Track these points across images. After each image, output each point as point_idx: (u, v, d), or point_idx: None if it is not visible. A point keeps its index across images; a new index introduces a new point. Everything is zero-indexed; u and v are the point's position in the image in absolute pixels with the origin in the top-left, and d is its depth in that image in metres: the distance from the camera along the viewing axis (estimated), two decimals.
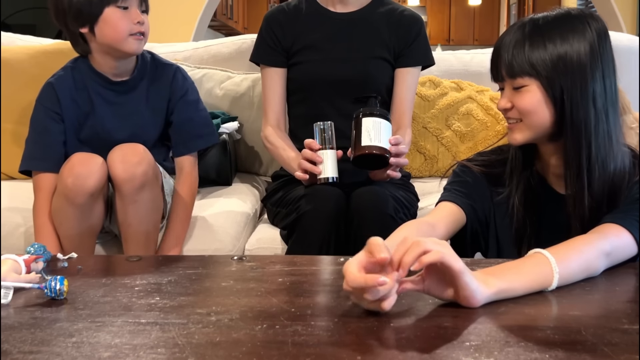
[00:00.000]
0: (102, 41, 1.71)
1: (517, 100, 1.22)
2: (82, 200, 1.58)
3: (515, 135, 1.24)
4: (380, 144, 1.56)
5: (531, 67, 1.19)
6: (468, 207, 1.27)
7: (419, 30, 1.94)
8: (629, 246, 1.11)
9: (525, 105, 1.21)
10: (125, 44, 1.70)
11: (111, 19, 1.69)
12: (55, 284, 0.94)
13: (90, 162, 1.60)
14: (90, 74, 1.78)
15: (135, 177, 1.59)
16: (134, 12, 1.71)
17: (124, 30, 1.69)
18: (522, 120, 1.23)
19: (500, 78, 1.25)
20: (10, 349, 0.77)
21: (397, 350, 0.78)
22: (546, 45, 1.18)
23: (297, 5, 1.98)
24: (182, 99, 1.84)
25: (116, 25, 1.69)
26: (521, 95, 1.22)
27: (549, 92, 1.19)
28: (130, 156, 1.61)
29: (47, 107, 1.76)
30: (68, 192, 1.58)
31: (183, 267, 1.15)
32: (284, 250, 1.74)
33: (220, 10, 7.42)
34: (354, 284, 0.86)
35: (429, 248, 0.87)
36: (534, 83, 1.20)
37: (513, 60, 1.20)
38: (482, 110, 2.31)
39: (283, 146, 1.87)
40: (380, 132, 1.56)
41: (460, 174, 1.33)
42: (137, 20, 1.71)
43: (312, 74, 1.90)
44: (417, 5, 10.48)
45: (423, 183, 2.19)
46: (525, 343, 0.79)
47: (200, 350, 0.77)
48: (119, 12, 1.69)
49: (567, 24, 1.19)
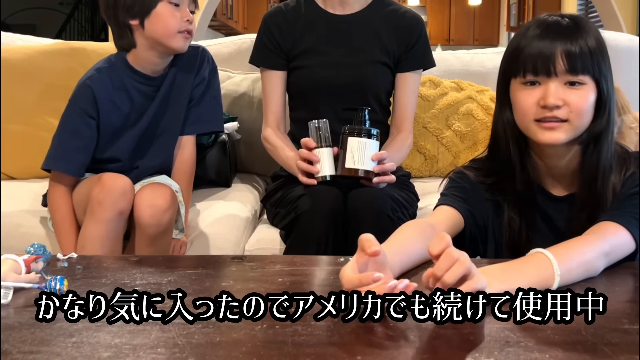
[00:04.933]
0: (150, 35, 1.72)
1: (574, 98, 1.16)
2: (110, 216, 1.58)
3: (556, 134, 1.17)
4: (363, 167, 1.56)
5: (594, 65, 1.16)
6: (466, 212, 1.26)
7: (420, 33, 1.94)
8: (627, 244, 1.11)
9: (583, 105, 1.16)
10: (173, 40, 1.72)
11: (163, 14, 1.70)
12: (55, 284, 0.94)
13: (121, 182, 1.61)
14: (127, 71, 1.77)
15: (161, 224, 1.61)
16: (184, 9, 1.72)
17: (174, 27, 1.71)
18: (569, 120, 1.17)
19: (550, 72, 1.16)
20: (10, 349, 0.77)
21: (397, 351, 0.78)
22: (599, 43, 1.17)
23: (295, 6, 1.96)
24: (203, 80, 1.87)
25: (167, 21, 1.70)
26: (579, 93, 1.16)
27: (603, 94, 1.17)
28: (160, 200, 1.61)
29: (83, 109, 1.74)
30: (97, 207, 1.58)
31: (183, 267, 1.15)
32: (284, 250, 1.74)
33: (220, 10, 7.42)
34: (349, 285, 0.87)
35: (473, 272, 0.85)
36: (592, 82, 1.17)
37: (577, 53, 1.14)
38: (482, 110, 2.31)
39: (282, 146, 1.87)
40: (365, 153, 1.56)
41: (458, 180, 1.32)
42: (187, 18, 1.73)
43: (312, 78, 1.90)
44: (417, 5, 10.47)
45: (423, 183, 2.19)
46: (525, 343, 0.79)
47: (200, 350, 0.77)
48: (171, 7, 1.71)
49: (591, 26, 1.20)
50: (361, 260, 0.90)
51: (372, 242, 0.89)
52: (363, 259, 0.90)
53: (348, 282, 0.87)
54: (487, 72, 2.41)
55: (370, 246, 0.88)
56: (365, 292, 0.84)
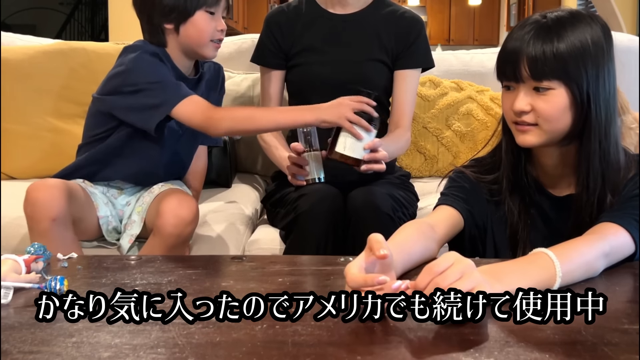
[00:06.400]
0: (184, 41, 1.71)
1: (540, 105, 1.15)
2: None
3: (528, 137, 1.18)
4: (352, 155, 1.51)
5: (562, 70, 1.13)
6: (466, 212, 1.26)
7: (419, 32, 1.94)
8: (627, 245, 1.11)
9: (549, 111, 1.15)
10: (205, 49, 1.72)
11: (199, 22, 1.69)
12: (55, 284, 0.94)
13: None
14: (171, 66, 1.74)
15: (183, 235, 1.60)
16: (219, 19, 1.72)
17: (208, 35, 1.70)
18: (539, 125, 1.17)
19: (517, 78, 1.16)
20: (10, 349, 0.77)
21: (397, 351, 0.78)
22: (575, 45, 1.13)
23: (297, 6, 1.98)
24: (220, 98, 1.93)
25: (202, 29, 1.69)
26: (546, 99, 1.15)
27: (577, 98, 1.14)
28: (185, 212, 1.60)
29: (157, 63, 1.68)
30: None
31: (183, 267, 1.15)
32: (284, 250, 1.74)
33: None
34: (353, 284, 0.87)
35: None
36: (562, 87, 1.14)
37: (540, 59, 1.13)
38: (482, 110, 2.31)
39: (276, 145, 1.90)
40: (355, 141, 1.52)
41: (457, 180, 1.31)
42: (221, 28, 1.72)
43: (310, 76, 1.91)
44: (417, 5, 10.47)
45: (423, 183, 2.19)
46: (525, 343, 0.79)
47: (200, 350, 0.77)
48: (207, 16, 1.70)
49: (581, 23, 1.15)
50: (369, 261, 0.89)
51: (381, 244, 0.88)
52: (371, 259, 0.89)
53: (352, 281, 0.87)
54: (487, 72, 2.41)
55: (379, 248, 0.87)
56: (365, 292, 0.84)
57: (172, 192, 1.70)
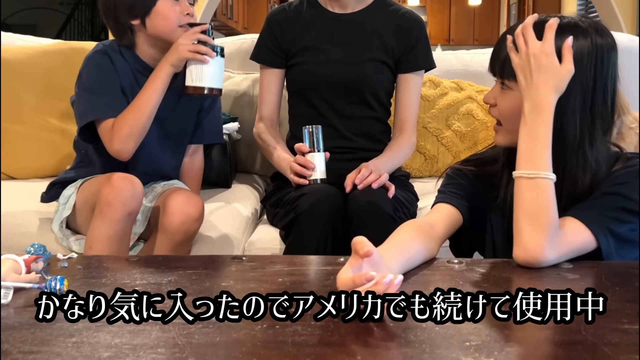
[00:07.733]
0: (152, 32, 1.72)
1: (500, 100, 1.23)
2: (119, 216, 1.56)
3: (498, 138, 1.26)
4: (201, 84, 1.67)
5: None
6: (464, 209, 1.26)
7: (420, 34, 1.94)
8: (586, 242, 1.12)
9: (505, 107, 1.22)
10: (175, 35, 1.71)
11: (162, 10, 1.70)
12: (55, 284, 0.94)
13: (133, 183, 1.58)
14: (133, 61, 1.76)
15: (189, 232, 1.62)
16: (183, 3, 1.72)
17: (174, 21, 1.71)
18: (502, 124, 1.23)
19: (494, 72, 1.25)
20: (10, 349, 0.77)
21: (397, 350, 0.78)
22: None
23: (298, 5, 1.98)
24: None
25: (167, 17, 1.70)
26: (505, 96, 1.22)
27: None
28: (192, 209, 1.62)
29: (101, 65, 1.72)
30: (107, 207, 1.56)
31: (183, 267, 1.15)
32: (284, 250, 1.74)
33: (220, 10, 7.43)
34: (343, 287, 0.87)
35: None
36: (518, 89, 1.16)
37: (507, 58, 1.17)
38: (482, 110, 2.31)
39: (274, 144, 1.90)
40: (201, 70, 1.67)
41: (454, 177, 1.32)
42: (187, 11, 1.73)
43: (310, 75, 1.91)
44: (417, 5, 10.47)
45: (423, 183, 2.19)
46: (526, 343, 0.79)
47: (200, 350, 0.77)
48: (170, 3, 1.71)
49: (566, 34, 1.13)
50: (355, 263, 0.90)
51: (364, 243, 0.88)
52: (357, 261, 0.90)
53: (342, 285, 0.87)
54: (487, 72, 2.38)
55: (363, 247, 0.88)
56: (365, 292, 0.84)
57: (179, 190, 1.71)
